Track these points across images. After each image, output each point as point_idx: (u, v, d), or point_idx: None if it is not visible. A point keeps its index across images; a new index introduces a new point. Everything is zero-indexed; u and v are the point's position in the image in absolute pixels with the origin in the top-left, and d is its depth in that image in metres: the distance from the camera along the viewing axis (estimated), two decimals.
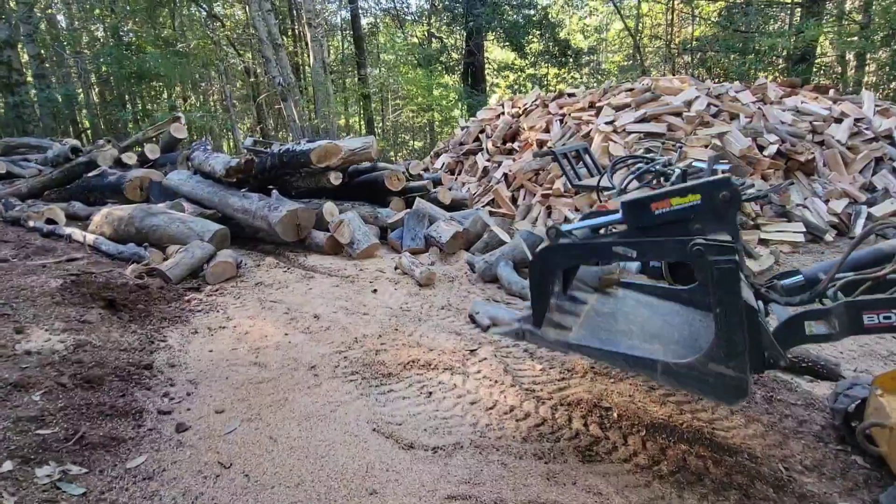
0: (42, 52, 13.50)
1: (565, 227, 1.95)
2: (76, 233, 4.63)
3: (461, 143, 8.35)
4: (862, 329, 1.53)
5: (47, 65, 14.25)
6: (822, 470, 1.72)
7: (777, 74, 12.80)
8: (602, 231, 2.02)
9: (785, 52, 12.04)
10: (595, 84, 15.87)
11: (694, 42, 15.66)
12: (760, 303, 1.78)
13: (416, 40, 18.08)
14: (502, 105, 8.52)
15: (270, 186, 5.28)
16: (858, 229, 5.00)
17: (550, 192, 5.95)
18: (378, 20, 19.11)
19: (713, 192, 1.68)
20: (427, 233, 4.46)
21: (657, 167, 3.26)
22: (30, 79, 12.82)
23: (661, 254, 1.87)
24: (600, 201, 2.98)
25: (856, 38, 11.46)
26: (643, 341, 1.90)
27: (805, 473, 1.70)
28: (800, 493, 1.62)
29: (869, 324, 1.52)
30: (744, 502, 1.59)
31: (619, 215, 1.89)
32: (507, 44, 16.55)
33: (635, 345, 1.86)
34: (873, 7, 11.55)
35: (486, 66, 17.44)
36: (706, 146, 5.27)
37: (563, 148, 4.01)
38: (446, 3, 16.81)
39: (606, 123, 6.15)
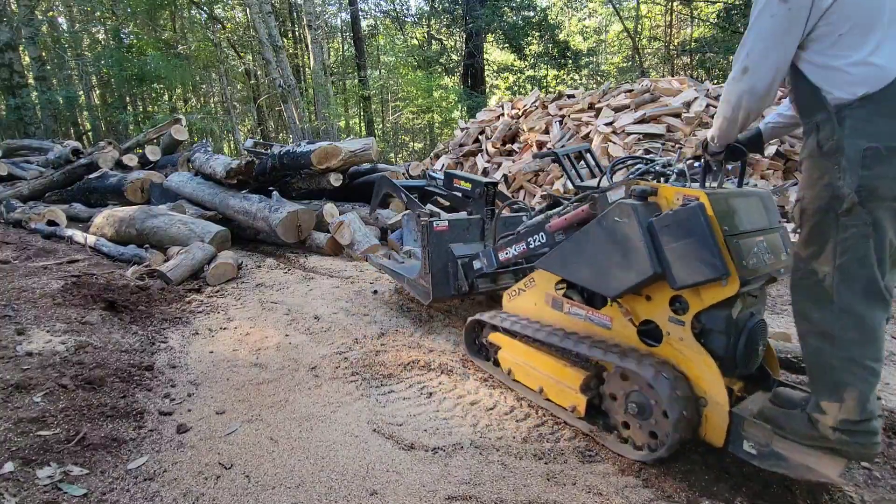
0: (43, 54, 13.53)
1: (431, 172, 3.43)
2: (77, 234, 4.65)
3: (461, 145, 8.36)
4: (499, 262, 2.45)
5: (48, 67, 14.28)
6: None
7: None
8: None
9: None
10: (594, 85, 15.89)
11: (693, 43, 15.69)
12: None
13: (415, 42, 18.12)
14: (502, 106, 8.53)
15: (271, 188, 5.29)
16: None
17: (550, 192, 5.95)
18: (378, 22, 19.17)
19: (476, 185, 2.99)
20: None
21: (656, 167, 3.27)
22: (31, 81, 12.85)
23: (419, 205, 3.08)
24: None
25: None
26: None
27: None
28: (802, 495, 1.62)
29: (503, 258, 2.42)
30: (745, 502, 1.59)
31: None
32: (507, 45, 16.58)
33: (407, 269, 3.20)
34: None
35: (486, 67, 17.48)
36: None
37: (564, 149, 4.02)
38: (446, 5, 16.85)
39: (606, 124, 6.16)
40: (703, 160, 1.85)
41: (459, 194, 3.11)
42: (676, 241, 1.58)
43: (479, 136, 8.17)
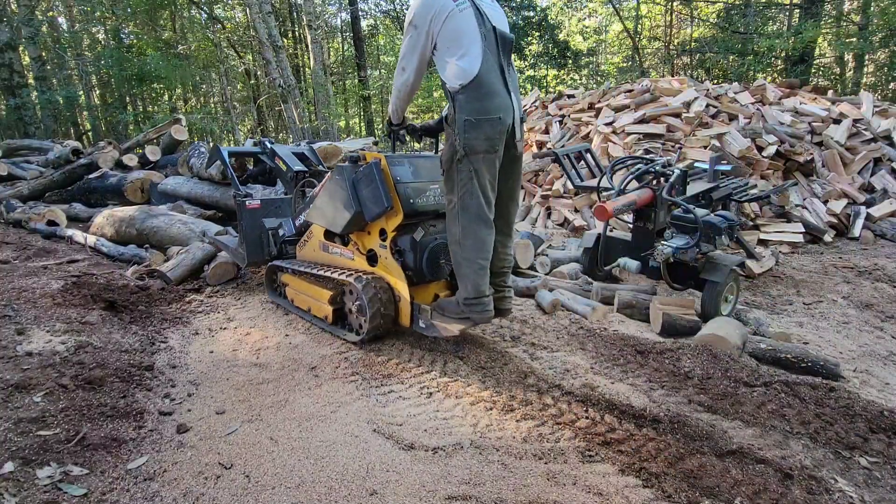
0: (43, 54, 13.52)
1: (266, 140, 3.64)
2: (77, 234, 4.65)
3: None
4: (296, 228, 3.17)
5: (48, 67, 14.27)
6: (821, 471, 1.72)
7: (776, 75, 12.83)
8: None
9: (783, 54, 12.06)
10: (594, 85, 15.89)
11: (693, 43, 15.69)
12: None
13: None
14: None
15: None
16: (857, 230, 5.00)
17: (550, 192, 5.96)
18: (378, 22, 19.16)
19: (288, 171, 3.44)
20: None
21: (656, 167, 3.27)
22: (31, 81, 12.85)
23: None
24: (600, 201, 3.00)
25: (854, 39, 11.48)
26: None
27: (805, 473, 1.70)
28: (802, 495, 1.62)
29: (297, 224, 3.16)
30: (745, 502, 1.59)
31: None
32: None
33: (232, 241, 3.75)
34: (871, 8, 11.58)
35: None
36: (705, 147, 5.28)
37: (565, 149, 4.02)
38: None
39: (606, 124, 6.16)
40: (391, 133, 2.50)
41: (277, 169, 3.59)
42: (364, 188, 2.36)
43: None
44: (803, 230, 4.82)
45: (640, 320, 3.08)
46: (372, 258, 2.58)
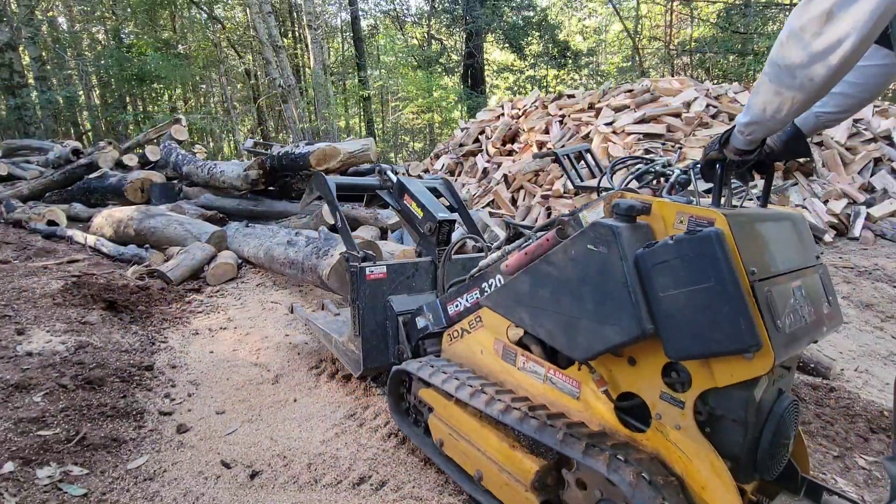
0: (43, 54, 13.53)
1: (386, 168, 2.48)
2: (77, 234, 4.65)
3: (461, 145, 8.36)
4: (449, 318, 1.83)
5: (48, 67, 14.27)
6: (822, 472, 1.72)
7: None
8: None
9: None
10: (594, 85, 15.89)
11: (693, 43, 15.69)
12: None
13: (415, 42, 18.12)
14: (502, 106, 8.53)
15: (271, 188, 5.32)
16: (857, 230, 5.00)
17: (550, 192, 5.96)
18: (378, 22, 19.17)
19: (427, 218, 2.21)
20: None
21: (656, 168, 3.28)
22: (31, 81, 12.85)
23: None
24: None
25: None
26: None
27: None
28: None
29: (453, 312, 1.82)
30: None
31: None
32: (507, 45, 16.59)
33: (337, 326, 2.43)
34: None
35: (486, 67, 17.48)
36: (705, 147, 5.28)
37: (564, 149, 4.02)
38: (446, 4, 16.85)
39: (606, 125, 6.17)
40: (717, 165, 1.24)
41: (406, 215, 2.36)
42: (678, 287, 1.05)
43: (479, 136, 8.17)
44: None
45: None
46: (634, 410, 1.26)
